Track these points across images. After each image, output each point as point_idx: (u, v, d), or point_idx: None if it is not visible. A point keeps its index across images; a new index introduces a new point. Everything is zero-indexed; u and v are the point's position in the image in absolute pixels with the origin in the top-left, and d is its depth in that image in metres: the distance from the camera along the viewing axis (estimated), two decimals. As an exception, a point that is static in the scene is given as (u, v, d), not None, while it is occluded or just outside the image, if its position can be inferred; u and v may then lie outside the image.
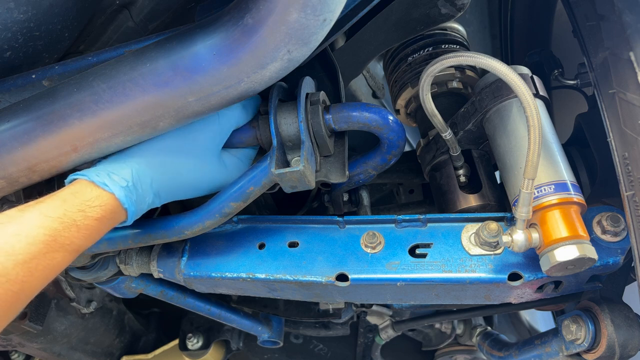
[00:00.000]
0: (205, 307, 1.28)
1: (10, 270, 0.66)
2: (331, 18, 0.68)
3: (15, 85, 0.89)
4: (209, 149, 0.91)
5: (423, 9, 1.01)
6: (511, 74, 0.81)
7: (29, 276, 0.67)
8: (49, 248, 0.70)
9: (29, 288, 0.68)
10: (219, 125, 0.91)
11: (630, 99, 0.80)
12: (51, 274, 0.71)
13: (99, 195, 0.77)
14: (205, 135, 0.90)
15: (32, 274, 0.68)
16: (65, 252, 0.72)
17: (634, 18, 0.81)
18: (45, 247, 0.69)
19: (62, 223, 0.72)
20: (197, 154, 0.89)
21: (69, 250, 0.73)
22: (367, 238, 0.97)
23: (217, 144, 0.92)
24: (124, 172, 0.81)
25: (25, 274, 0.67)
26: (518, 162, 0.92)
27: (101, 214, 0.77)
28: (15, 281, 0.66)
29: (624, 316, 0.94)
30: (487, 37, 1.66)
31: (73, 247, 0.73)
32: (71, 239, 0.72)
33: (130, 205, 0.80)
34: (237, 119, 0.93)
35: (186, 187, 0.91)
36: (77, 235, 0.73)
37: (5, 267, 0.65)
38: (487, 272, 0.92)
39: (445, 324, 1.70)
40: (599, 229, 0.92)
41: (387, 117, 0.94)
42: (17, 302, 0.68)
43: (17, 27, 0.83)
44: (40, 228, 0.70)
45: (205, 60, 0.74)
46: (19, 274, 0.66)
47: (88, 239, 0.76)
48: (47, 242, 0.70)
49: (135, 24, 0.98)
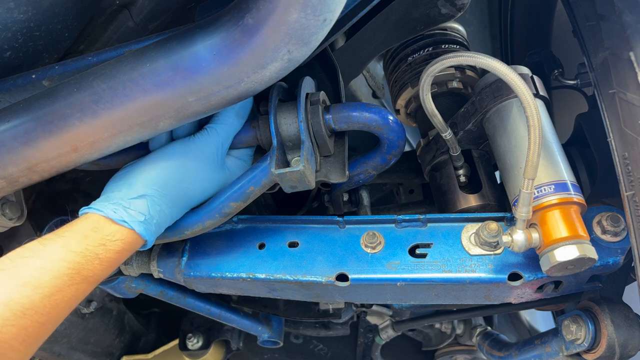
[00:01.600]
0: (205, 307, 1.28)
1: (37, 303, 0.69)
2: (331, 18, 0.68)
3: (15, 85, 0.89)
4: (214, 160, 0.92)
5: (423, 9, 1.01)
6: (511, 74, 0.81)
7: (55, 308, 0.71)
8: (72, 281, 0.73)
9: (54, 319, 0.72)
10: (218, 136, 0.92)
11: (630, 99, 0.80)
12: (74, 304, 0.75)
13: (118, 230, 0.80)
14: (208, 149, 0.91)
15: (58, 306, 0.71)
16: (87, 283, 0.76)
17: (634, 18, 0.81)
18: (69, 280, 0.73)
19: (84, 257, 0.75)
20: (203, 168, 0.91)
21: (90, 282, 0.76)
22: (367, 238, 0.97)
23: (220, 155, 0.93)
24: (140, 205, 0.83)
25: (51, 306, 0.70)
26: (518, 162, 0.92)
27: (122, 246, 0.80)
28: (42, 313, 0.69)
29: (624, 316, 0.94)
30: (487, 37, 1.66)
31: (95, 279, 0.77)
32: (94, 271, 0.76)
33: (149, 236, 0.84)
34: (236, 126, 0.94)
35: (195, 197, 0.93)
36: (99, 268, 0.77)
37: (33, 300, 0.68)
38: (487, 272, 0.92)
39: (445, 324, 1.70)
40: (599, 229, 0.92)
41: (387, 117, 0.94)
42: (43, 333, 0.71)
43: (17, 27, 0.83)
44: (64, 262, 0.73)
45: (206, 61, 0.74)
46: (45, 306, 0.69)
47: (108, 270, 0.79)
48: (71, 275, 0.73)
49: (135, 24, 0.98)
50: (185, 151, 0.90)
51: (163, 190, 0.86)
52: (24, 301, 0.68)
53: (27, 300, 0.68)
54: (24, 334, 0.67)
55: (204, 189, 0.92)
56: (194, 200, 0.92)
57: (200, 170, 0.90)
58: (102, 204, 0.82)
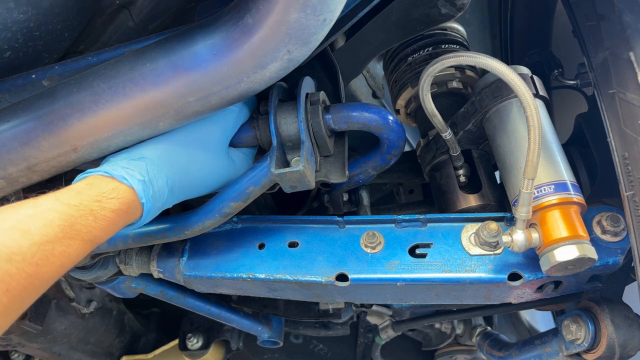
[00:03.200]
0: (205, 307, 1.28)
1: (25, 250, 0.62)
2: (331, 18, 0.68)
3: (15, 85, 0.89)
4: (218, 144, 0.91)
5: (423, 9, 1.01)
6: (511, 74, 0.81)
7: (44, 260, 0.64)
8: (65, 234, 0.66)
9: (44, 274, 0.64)
10: (226, 121, 0.91)
11: (630, 99, 0.80)
12: (67, 262, 0.68)
13: (115, 188, 0.75)
14: (214, 131, 0.90)
15: (48, 259, 0.64)
16: (82, 241, 0.69)
17: (633, 18, 0.81)
18: (61, 232, 0.66)
19: (78, 210, 0.69)
20: (207, 149, 0.89)
21: (85, 240, 0.69)
22: (367, 238, 0.97)
23: (225, 139, 0.92)
24: (140, 167, 0.79)
25: (40, 256, 0.63)
26: (518, 162, 0.92)
27: (118, 206, 0.74)
28: (30, 262, 0.62)
29: (624, 316, 0.94)
30: (487, 37, 1.66)
31: (89, 237, 0.70)
32: (88, 227, 0.70)
33: (147, 200, 0.78)
34: (242, 114, 0.94)
35: (197, 183, 0.90)
36: (94, 225, 0.71)
37: (20, 245, 0.62)
38: (487, 272, 0.91)
39: (445, 324, 1.70)
40: (598, 229, 0.92)
41: (387, 117, 0.94)
42: (30, 288, 0.63)
43: (17, 27, 0.83)
44: (56, 212, 0.67)
45: (205, 60, 0.74)
46: (34, 255, 0.62)
47: (104, 231, 0.73)
48: (63, 227, 0.67)
49: (135, 24, 0.98)
50: (188, 130, 0.87)
51: (164, 160, 0.83)
52: (10, 244, 0.61)
53: (14, 243, 0.61)
54: (8, 281, 0.59)
55: (206, 173, 0.90)
56: (195, 183, 0.89)
57: (203, 150, 0.88)
58: (101, 166, 0.79)
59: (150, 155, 0.82)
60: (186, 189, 0.88)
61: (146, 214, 0.80)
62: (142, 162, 0.80)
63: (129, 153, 0.83)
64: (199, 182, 0.90)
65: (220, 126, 0.90)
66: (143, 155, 0.82)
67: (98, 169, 0.77)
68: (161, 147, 0.85)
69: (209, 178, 0.91)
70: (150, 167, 0.80)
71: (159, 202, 0.82)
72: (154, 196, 0.80)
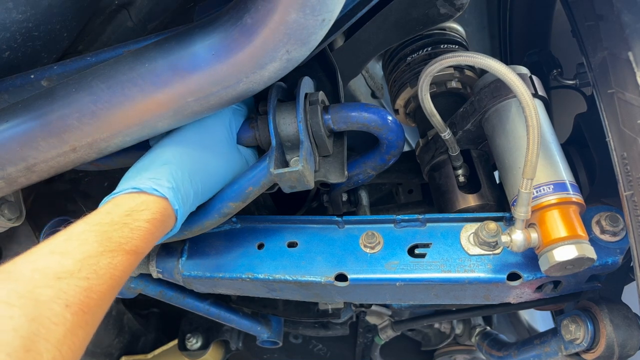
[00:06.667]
0: (204, 307, 1.28)
1: (70, 267, 0.62)
2: (330, 18, 0.68)
3: (14, 85, 0.89)
4: (227, 140, 0.92)
5: (422, 8, 1.01)
6: (510, 74, 0.81)
7: (93, 273, 0.63)
8: (104, 247, 0.67)
9: (98, 287, 0.63)
10: (231, 116, 0.93)
11: (629, 98, 0.80)
12: (116, 274, 0.67)
13: (144, 201, 0.76)
14: (221, 128, 0.91)
15: (96, 272, 0.64)
16: (124, 252, 0.69)
17: (632, 18, 0.81)
18: (100, 247, 0.66)
19: (111, 226, 0.70)
20: (218, 146, 0.90)
21: (127, 250, 0.69)
22: (366, 238, 0.97)
23: (232, 135, 0.94)
24: (165, 174, 0.80)
25: (87, 271, 0.63)
26: (517, 162, 0.92)
27: (150, 216, 0.75)
28: (79, 277, 0.62)
29: (623, 316, 0.94)
30: (486, 37, 1.66)
31: (130, 247, 0.70)
32: (126, 238, 0.70)
33: (179, 206, 0.79)
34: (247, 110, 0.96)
35: (215, 181, 0.90)
36: (131, 236, 0.71)
37: (63, 264, 0.62)
38: (486, 272, 0.92)
39: (444, 324, 1.70)
40: (597, 228, 0.92)
41: (386, 117, 0.94)
42: (90, 302, 0.62)
43: (15, 27, 0.83)
44: (90, 232, 0.68)
45: (204, 61, 0.74)
46: (80, 270, 0.62)
47: (143, 240, 0.72)
48: (100, 242, 0.67)
49: (134, 24, 0.98)
50: (197, 129, 0.89)
51: (183, 163, 0.83)
52: (54, 265, 0.61)
53: (57, 264, 0.61)
54: (64, 297, 0.59)
55: (221, 170, 0.90)
56: (213, 180, 0.89)
57: (214, 147, 0.89)
58: (121, 186, 0.78)
59: (173, 160, 0.83)
60: (206, 187, 0.89)
61: (180, 219, 0.81)
62: (166, 168, 0.81)
63: (150, 161, 0.83)
64: (215, 179, 0.90)
65: (225, 124, 0.92)
66: (166, 160, 0.82)
67: (126, 188, 0.77)
68: (180, 150, 0.85)
69: (223, 174, 0.92)
70: (175, 171, 0.81)
71: (187, 205, 0.83)
72: (183, 200, 0.81)
